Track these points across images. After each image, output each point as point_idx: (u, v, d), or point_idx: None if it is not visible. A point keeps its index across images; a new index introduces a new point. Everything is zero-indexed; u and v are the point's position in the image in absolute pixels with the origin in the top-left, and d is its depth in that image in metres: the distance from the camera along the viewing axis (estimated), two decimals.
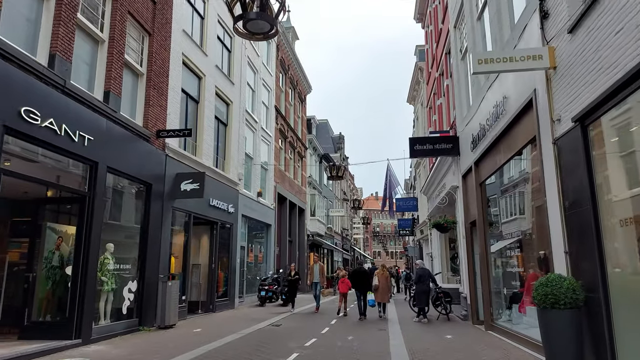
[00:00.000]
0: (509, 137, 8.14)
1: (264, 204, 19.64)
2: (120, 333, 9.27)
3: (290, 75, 25.33)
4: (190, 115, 13.43)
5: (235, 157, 16.39)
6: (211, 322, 11.83)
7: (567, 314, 5.14)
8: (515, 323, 9.19)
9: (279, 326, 11.18)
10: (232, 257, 15.55)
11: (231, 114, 16.22)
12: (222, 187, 14.90)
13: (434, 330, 10.66)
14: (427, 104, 20.24)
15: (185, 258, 12.75)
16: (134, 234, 10.37)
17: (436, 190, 16.66)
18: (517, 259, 9.14)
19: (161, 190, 11.12)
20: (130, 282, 9.90)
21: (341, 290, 14.31)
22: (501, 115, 8.33)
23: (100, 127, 8.80)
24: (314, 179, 31.00)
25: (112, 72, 9.30)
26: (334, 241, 37.99)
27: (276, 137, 22.04)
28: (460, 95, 12.56)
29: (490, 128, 9.11)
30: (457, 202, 13.12)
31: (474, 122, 10.56)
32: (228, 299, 15.15)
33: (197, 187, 11.66)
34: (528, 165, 7.81)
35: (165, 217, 11.21)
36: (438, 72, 16.64)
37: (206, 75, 14.13)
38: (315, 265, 15.40)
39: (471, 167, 10.91)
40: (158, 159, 11.10)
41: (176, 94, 12.24)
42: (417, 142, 12.78)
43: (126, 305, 9.70)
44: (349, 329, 10.90)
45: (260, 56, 19.94)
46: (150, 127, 10.84)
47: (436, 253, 19.30)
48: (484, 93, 9.62)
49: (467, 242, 11.79)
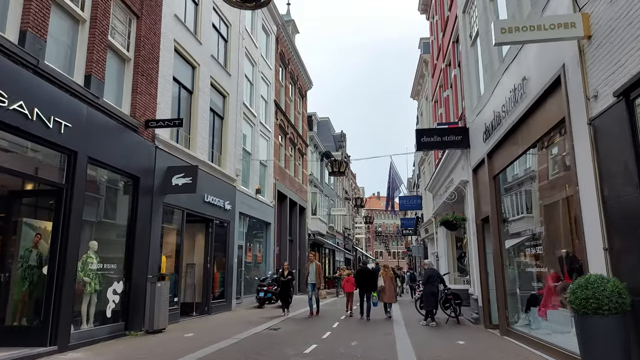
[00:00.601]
0: (529, 123, 7.36)
1: (263, 201, 18.88)
2: (103, 338, 8.51)
3: (290, 69, 24.58)
4: (183, 106, 12.68)
5: (232, 152, 15.63)
6: (205, 325, 11.07)
7: (611, 321, 4.36)
8: (534, 328, 8.42)
9: (277, 330, 10.42)
10: (229, 256, 14.79)
11: (228, 107, 15.47)
12: (218, 182, 14.15)
13: (443, 334, 9.89)
14: (432, 98, 19.45)
15: (178, 257, 12.00)
16: (120, 231, 9.62)
17: (443, 186, 15.88)
18: (535, 257, 8.38)
19: (150, 184, 10.36)
20: (115, 283, 9.14)
21: (346, 290, 14.40)
22: (520, 100, 7.55)
23: (80, 114, 8.05)
24: (315, 177, 30.24)
25: (94, 55, 8.55)
26: (335, 241, 37.22)
27: (276, 132, 21.28)
28: (470, 84, 11.79)
29: (506, 115, 8.34)
30: (466, 197, 12.34)
31: (487, 110, 9.79)
32: (225, 301, 14.39)
33: (190, 181, 10.90)
34: (553, 153, 7.03)
35: (154, 213, 10.45)
36: (444, 63, 15.86)
37: (200, 64, 13.38)
38: (311, 264, 13.57)
39: (483, 160, 10.13)
40: (147, 150, 10.34)
41: (167, 82, 11.49)
42: (424, 134, 12.00)
43: (111, 308, 8.95)
44: (353, 333, 10.14)
45: (258, 48, 19.19)
46: (138, 116, 10.09)
47: (442, 252, 18.51)
48: (499, 77, 8.85)
49: (479, 240, 11.01)
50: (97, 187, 9.05)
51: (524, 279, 9.24)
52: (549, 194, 7.56)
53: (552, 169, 7.28)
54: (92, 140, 8.28)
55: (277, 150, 21.37)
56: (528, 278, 9.01)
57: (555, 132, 6.64)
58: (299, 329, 10.68)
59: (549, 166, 7.26)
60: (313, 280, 13.25)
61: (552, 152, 7.05)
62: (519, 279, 9.34)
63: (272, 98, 20.87)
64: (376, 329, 10.82)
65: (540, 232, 7.66)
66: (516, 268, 9.40)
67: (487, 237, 10.83)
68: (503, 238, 9.46)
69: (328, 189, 35.45)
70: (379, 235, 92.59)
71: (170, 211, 11.64)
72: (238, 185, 15.97)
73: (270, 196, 19.97)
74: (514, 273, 9.44)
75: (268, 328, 10.67)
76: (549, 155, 7.09)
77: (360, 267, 16.11)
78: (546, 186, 7.65)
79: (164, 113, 11.14)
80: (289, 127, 23.69)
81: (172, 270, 11.67)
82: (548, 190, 7.64)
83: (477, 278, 11.21)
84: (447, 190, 14.52)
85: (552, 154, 7.00)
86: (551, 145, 6.99)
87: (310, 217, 28.07)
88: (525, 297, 9.17)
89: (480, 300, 10.99)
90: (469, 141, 11.54)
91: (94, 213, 8.98)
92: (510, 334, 8.95)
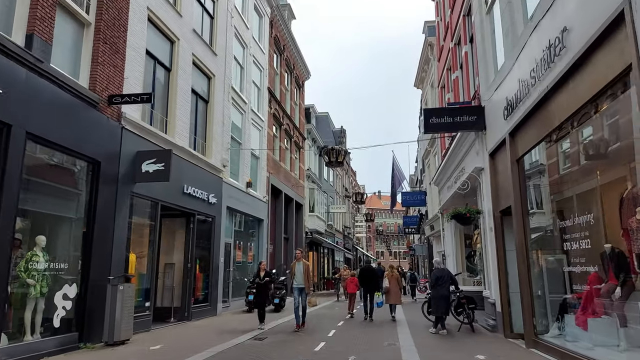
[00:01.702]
0: (571, 85, 5.87)
1: (255, 196, 17.38)
2: (50, 353, 7.04)
3: (286, 56, 23.08)
4: (159, 85, 11.19)
5: (219, 140, 14.15)
6: (180, 334, 9.58)
7: None
8: (570, 339, 6.96)
9: (263, 340, 8.93)
10: (214, 255, 13.30)
11: (213, 90, 13.97)
12: (201, 173, 12.66)
13: (458, 346, 8.40)
14: (439, 83, 17.95)
15: (152, 256, 10.50)
16: (75, 225, 8.14)
17: (452, 177, 14.38)
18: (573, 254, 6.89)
19: (114, 171, 8.88)
20: (67, 285, 7.65)
21: (349, 291, 13.89)
22: (557, 58, 6.07)
23: (17, 79, 6.58)
24: (312, 172, 28.72)
25: (37, 11, 7.07)
26: (335, 240, 35.70)
27: (269, 122, 19.78)
28: (486, 57, 10.31)
29: (536, 82, 6.85)
30: (481, 187, 10.84)
31: (509, 82, 8.30)
32: (209, 305, 12.89)
33: (162, 167, 9.43)
34: (608, 119, 5.52)
35: (120, 204, 8.97)
36: (453, 42, 14.37)
37: (180, 39, 11.89)
38: (298, 263, 10.44)
39: (504, 140, 8.64)
40: (110, 131, 8.86)
41: (138, 55, 10.01)
42: (433, 115, 10.50)
43: (60, 316, 7.45)
44: (351, 343, 8.66)
45: (250, 29, 17.69)
46: (100, 90, 8.60)
47: (450, 251, 17.01)
48: (526, 39, 7.35)
49: (497, 236, 9.52)
50: (44, 172, 7.56)
51: (553, 280, 7.77)
52: (594, 174, 6.06)
53: (598, 143, 5.79)
54: (33, 113, 6.81)
55: (270, 142, 19.88)
56: (559, 279, 7.55)
57: (611, 91, 5.15)
58: (288, 338, 9.19)
59: (598, 138, 5.76)
60: (300, 284, 10.33)
61: (606, 118, 5.54)
62: (547, 280, 7.86)
63: (266, 85, 19.37)
64: (379, 337, 9.34)
65: (584, 222, 6.15)
66: (545, 267, 7.93)
67: (506, 231, 9.35)
68: (529, 232, 7.98)
69: (327, 185, 33.94)
70: (380, 235, 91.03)
71: (142, 203, 10.16)
72: (225, 177, 14.49)
73: (263, 191, 18.48)
74: (542, 273, 7.97)
75: (253, 338, 9.19)
76: (603, 122, 5.57)
77: (364, 266, 14.70)
78: (590, 165, 6.17)
79: (134, 90, 9.65)
80: (284, 117, 22.20)
81: (143, 271, 10.18)
82: (595, 168, 6.18)
83: (495, 279, 9.72)
84: (457, 181, 13.02)
85: (608, 120, 5.48)
86: (604, 109, 5.48)
87: (307, 214, 26.56)
88: (556, 301, 7.70)
89: (499, 305, 9.51)
90: (485, 122, 10.06)
91: (40, 202, 7.50)
92: (539, 346, 7.47)
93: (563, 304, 7.49)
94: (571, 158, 6.73)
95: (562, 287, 7.49)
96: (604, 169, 5.79)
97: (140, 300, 9.89)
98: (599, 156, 5.93)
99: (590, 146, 6.09)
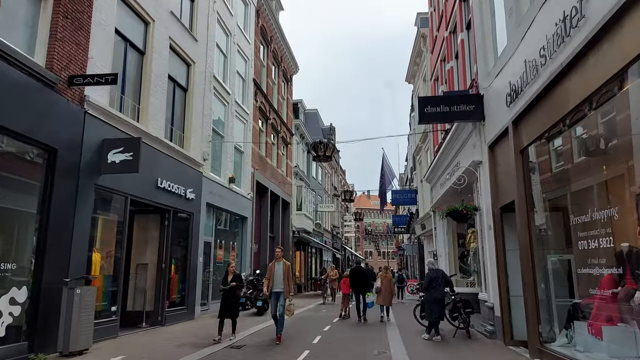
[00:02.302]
0: (591, 61, 5.12)
1: (238, 192, 16.48)
2: None
3: (273, 48, 22.20)
4: (130, 68, 10.26)
5: (198, 132, 13.24)
6: (148, 341, 8.67)
7: None
8: (581, 349, 6.26)
9: (241, 349, 8.08)
10: (191, 255, 12.38)
11: (193, 77, 13.05)
12: (178, 166, 11.75)
13: (454, 354, 7.66)
14: (432, 76, 17.23)
15: (121, 256, 9.56)
16: (26, 220, 7.20)
17: (445, 173, 13.65)
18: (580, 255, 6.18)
19: (75, 160, 7.95)
20: (15, 289, 6.71)
21: (344, 291, 13.97)
22: (574, 30, 5.33)
23: None
24: (300, 170, 27.88)
25: None
26: (323, 239, 34.88)
27: (255, 116, 18.88)
28: (485, 42, 9.59)
29: (547, 61, 6.11)
30: (478, 182, 10.11)
31: (513, 65, 7.57)
32: (185, 308, 11.97)
33: (130, 157, 8.52)
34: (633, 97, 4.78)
35: (82, 198, 8.04)
36: (448, 30, 13.65)
37: (156, 20, 10.97)
38: (278, 263, 8.90)
39: (506, 130, 7.91)
40: (71, 116, 7.93)
41: (106, 33, 9.08)
42: (428, 103, 9.74)
43: (5, 323, 6.51)
44: (338, 350, 7.86)
45: (234, 16, 16.78)
46: (58, 69, 7.67)
47: (442, 251, 16.30)
48: (534, 14, 6.61)
49: (497, 234, 8.78)
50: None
51: (560, 283, 7.07)
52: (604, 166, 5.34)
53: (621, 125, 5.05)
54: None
55: (256, 136, 18.97)
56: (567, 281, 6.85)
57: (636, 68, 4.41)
58: (269, 346, 8.34)
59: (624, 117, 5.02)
60: (279, 288, 8.70)
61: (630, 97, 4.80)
62: (554, 283, 7.15)
63: (251, 76, 18.48)
64: (368, 344, 8.55)
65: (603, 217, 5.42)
66: (551, 268, 7.22)
67: (507, 229, 8.64)
68: (534, 229, 7.24)
69: (315, 183, 33.10)
70: (369, 235, 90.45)
71: (109, 197, 9.23)
72: (206, 172, 13.58)
73: (247, 187, 17.58)
74: (546, 275, 7.26)
75: (229, 346, 8.33)
76: (631, 102, 4.82)
77: (354, 266, 14.00)
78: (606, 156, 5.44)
79: (100, 72, 8.71)
80: (270, 111, 21.31)
81: (110, 272, 9.24)
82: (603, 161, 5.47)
83: (494, 281, 9.00)
84: (451, 177, 12.30)
85: (636, 97, 4.73)
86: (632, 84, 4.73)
87: (295, 212, 25.71)
88: (563, 306, 6.99)
89: (498, 309, 8.78)
90: (484, 111, 9.33)
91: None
92: (545, 355, 6.74)
93: (572, 309, 6.79)
94: (586, 144, 6.01)
95: (570, 291, 6.81)
96: (625, 156, 5.07)
97: (106, 305, 8.97)
98: (619, 144, 5.21)
99: (608, 131, 5.35)
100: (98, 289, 8.43)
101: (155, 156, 10.51)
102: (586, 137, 5.88)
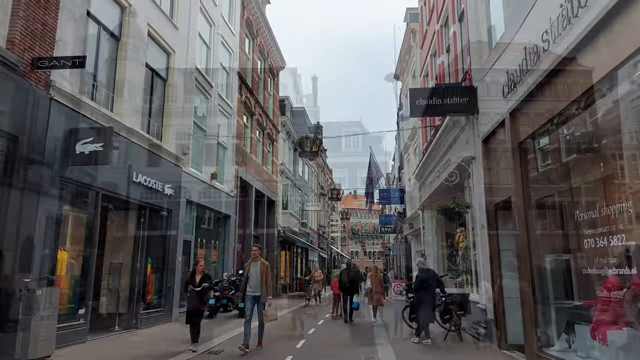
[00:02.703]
0: (602, 41, 4.70)
1: (221, 189, 15.86)
2: None
3: (259, 42, 21.60)
4: (103, 53, 9.60)
5: (178, 125, 12.60)
6: (118, 347, 8.04)
7: None
8: (582, 355, 5.87)
9: (219, 354, 7.52)
10: (170, 254, 11.74)
11: (173, 67, 12.41)
12: (155, 160, 11.10)
13: (447, 358, 7.20)
14: (421, 72, 16.84)
15: (89, 255, 8.88)
16: None
17: (435, 171, 13.26)
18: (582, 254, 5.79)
19: (39, 149, 7.30)
20: None
21: (335, 292, 13.75)
22: (583, 10, 4.90)
23: None
24: (287, 168, 27.30)
25: None
26: (309, 239, 34.34)
27: (239, 111, 18.26)
28: (479, 32, 9.19)
29: (550, 45, 5.69)
30: (471, 179, 9.70)
31: (511, 53, 7.16)
32: (162, 310, 11.32)
33: (101, 148, 7.89)
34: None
35: (46, 191, 7.38)
36: (439, 22, 13.25)
37: (132, 4, 10.32)
38: (254, 263, 8.10)
39: (502, 123, 7.50)
40: (34, 102, 7.27)
41: (76, 15, 8.42)
42: (419, 95, 9.30)
43: None
44: (323, 356, 7.36)
45: (218, 6, 16.16)
46: (20, 51, 7.01)
47: (430, 250, 15.92)
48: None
49: (491, 233, 8.37)
50: None
51: (559, 284, 6.68)
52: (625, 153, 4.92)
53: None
54: None
55: (240, 132, 18.36)
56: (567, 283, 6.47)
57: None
58: (250, 350, 7.78)
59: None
60: (256, 291, 7.91)
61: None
62: (552, 284, 6.76)
63: (236, 70, 17.86)
64: (354, 349, 8.06)
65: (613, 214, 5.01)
66: (548, 268, 6.82)
67: (502, 228, 8.23)
68: (534, 227, 6.84)
69: (302, 182, 32.55)
70: (355, 235, 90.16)
71: (78, 191, 8.57)
72: (186, 167, 12.95)
73: (230, 184, 16.95)
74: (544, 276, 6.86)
75: (208, 351, 7.76)
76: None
77: (350, 268, 13.65)
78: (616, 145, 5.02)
79: (69, 55, 8.05)
80: (256, 107, 20.70)
81: (78, 272, 8.58)
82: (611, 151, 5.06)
83: (487, 282, 8.59)
84: (441, 174, 11.90)
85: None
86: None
87: (280, 211, 25.12)
88: (562, 309, 6.60)
89: (491, 311, 8.37)
90: (477, 104, 8.92)
91: None
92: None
93: (572, 312, 6.40)
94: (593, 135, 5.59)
95: (570, 293, 6.43)
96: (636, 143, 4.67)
97: (73, 307, 8.31)
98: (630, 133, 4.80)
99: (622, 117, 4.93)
100: (64, 290, 7.78)
101: (130, 149, 9.88)
102: (592, 127, 5.46)
